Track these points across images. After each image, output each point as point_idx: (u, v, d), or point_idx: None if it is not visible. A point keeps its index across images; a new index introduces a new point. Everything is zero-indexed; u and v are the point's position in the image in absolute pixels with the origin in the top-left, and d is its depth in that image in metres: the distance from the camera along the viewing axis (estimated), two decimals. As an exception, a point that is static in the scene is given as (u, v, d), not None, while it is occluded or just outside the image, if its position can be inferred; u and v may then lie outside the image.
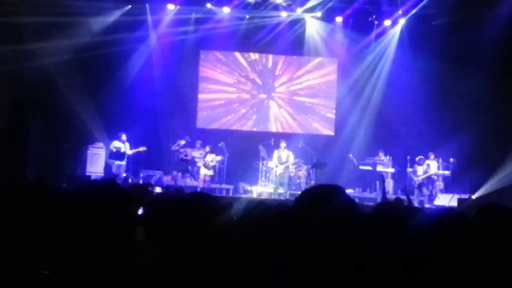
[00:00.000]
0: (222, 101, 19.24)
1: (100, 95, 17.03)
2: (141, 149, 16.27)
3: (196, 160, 17.27)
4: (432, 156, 16.38)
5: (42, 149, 16.25)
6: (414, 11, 17.34)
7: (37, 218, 3.06)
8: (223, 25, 18.33)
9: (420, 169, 16.24)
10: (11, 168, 14.41)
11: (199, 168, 17.06)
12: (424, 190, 16.18)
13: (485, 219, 3.40)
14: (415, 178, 16.23)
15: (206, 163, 16.71)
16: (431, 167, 16.30)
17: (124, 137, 16.32)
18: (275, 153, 16.36)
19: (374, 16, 18.07)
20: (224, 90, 19.28)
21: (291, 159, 16.24)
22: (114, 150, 16.19)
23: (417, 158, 16.33)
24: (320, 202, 2.40)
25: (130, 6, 17.55)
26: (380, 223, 2.84)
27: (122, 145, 16.26)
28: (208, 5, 17.82)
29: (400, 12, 17.63)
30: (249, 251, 2.46)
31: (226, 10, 17.93)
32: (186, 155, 16.81)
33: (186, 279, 2.34)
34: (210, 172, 16.77)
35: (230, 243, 2.56)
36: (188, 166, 17.00)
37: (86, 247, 2.21)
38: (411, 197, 16.01)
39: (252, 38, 18.56)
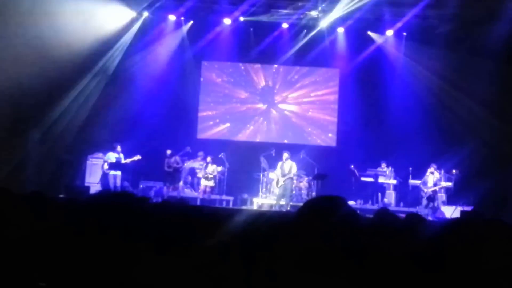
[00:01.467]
0: (223, 112, 19.19)
1: (100, 105, 17.01)
2: (136, 158, 16.20)
3: (197, 171, 17.19)
4: (433, 168, 16.20)
5: (41, 159, 16.18)
6: (416, 21, 17.29)
7: (35, 230, 3.01)
8: (224, 36, 18.35)
9: (430, 180, 16.06)
10: (10, 178, 14.32)
11: (199, 179, 16.96)
12: (431, 203, 16.01)
13: (486, 232, 3.30)
14: (425, 190, 16.04)
15: (206, 174, 16.61)
16: (437, 179, 16.16)
17: (119, 148, 16.28)
18: (279, 164, 16.22)
19: (375, 26, 18.05)
20: (225, 101, 19.25)
21: (294, 169, 16.08)
22: (114, 160, 16.12)
23: (431, 170, 16.08)
24: (322, 214, 2.32)
25: (135, 14, 17.57)
26: (382, 234, 2.76)
27: (117, 156, 16.22)
28: (210, 16, 17.86)
29: (402, 22, 17.58)
30: (250, 264, 2.38)
31: (227, 21, 17.95)
32: (177, 163, 16.67)
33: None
34: (211, 183, 16.65)
35: (231, 256, 2.48)
36: (178, 176, 16.82)
37: (87, 260, 2.16)
38: (419, 207, 15.96)
39: (253, 48, 18.59)
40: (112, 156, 16.17)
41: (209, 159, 16.79)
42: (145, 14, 17.79)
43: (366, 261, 2.18)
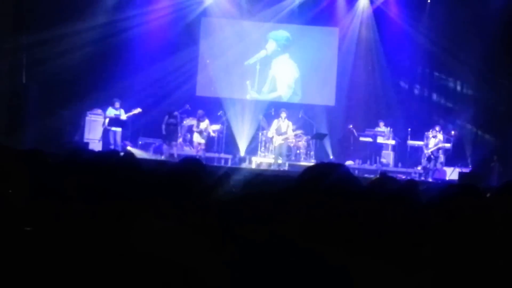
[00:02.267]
0: (222, 69, 18.98)
1: (99, 61, 16.84)
2: (136, 111, 16.11)
3: (194, 129, 17.11)
4: (437, 128, 16.09)
5: (40, 114, 16.10)
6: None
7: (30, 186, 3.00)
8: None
9: (432, 142, 15.98)
10: (8, 134, 14.30)
11: (192, 136, 16.83)
12: (431, 164, 15.98)
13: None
14: (426, 151, 16.00)
15: (200, 131, 16.50)
16: (439, 140, 16.11)
17: (117, 104, 16.18)
18: (275, 122, 16.25)
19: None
20: (224, 58, 19.00)
21: (290, 129, 16.11)
22: (114, 116, 16.06)
23: (433, 133, 15.96)
24: (321, 182, 2.28)
25: None
26: (382, 197, 2.74)
27: (117, 112, 16.15)
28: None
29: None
30: (249, 228, 2.36)
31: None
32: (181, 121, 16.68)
33: (185, 259, 2.24)
34: (203, 140, 16.56)
35: (230, 219, 2.46)
36: (177, 134, 16.76)
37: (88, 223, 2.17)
38: (417, 168, 15.99)
39: (254, 6, 18.34)
40: (112, 112, 16.11)
41: (200, 112, 16.64)
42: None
43: (363, 229, 2.16)
